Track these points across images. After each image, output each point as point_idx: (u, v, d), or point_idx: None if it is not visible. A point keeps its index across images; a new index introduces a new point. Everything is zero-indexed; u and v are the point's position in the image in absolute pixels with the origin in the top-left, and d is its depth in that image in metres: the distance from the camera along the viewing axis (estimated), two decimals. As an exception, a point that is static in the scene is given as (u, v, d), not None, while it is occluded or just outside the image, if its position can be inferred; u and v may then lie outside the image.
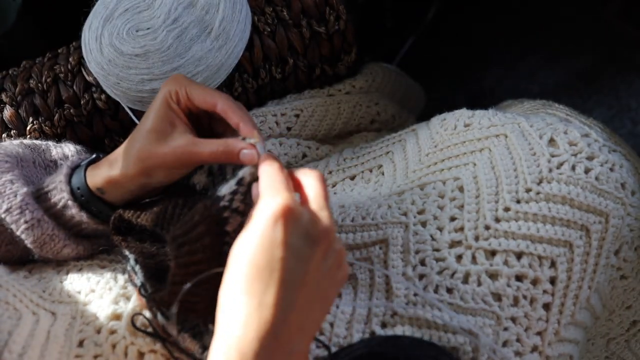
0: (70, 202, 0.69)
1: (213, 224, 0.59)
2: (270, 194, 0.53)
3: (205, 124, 0.68)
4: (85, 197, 0.69)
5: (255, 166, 0.60)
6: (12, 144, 0.76)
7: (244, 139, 0.62)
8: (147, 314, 0.65)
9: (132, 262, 0.68)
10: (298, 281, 0.51)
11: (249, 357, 0.49)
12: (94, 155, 0.72)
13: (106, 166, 0.68)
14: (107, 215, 0.70)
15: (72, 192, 0.69)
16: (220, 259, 0.59)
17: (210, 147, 0.63)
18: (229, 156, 0.62)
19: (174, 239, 0.59)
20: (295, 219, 0.51)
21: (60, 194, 0.69)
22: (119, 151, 0.67)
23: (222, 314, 0.51)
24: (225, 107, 0.63)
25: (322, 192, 0.55)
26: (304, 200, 0.55)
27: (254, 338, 0.49)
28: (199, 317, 0.63)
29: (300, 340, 0.51)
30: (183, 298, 0.58)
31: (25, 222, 0.69)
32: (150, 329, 0.65)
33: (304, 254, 0.51)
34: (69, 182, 0.70)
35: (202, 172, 0.66)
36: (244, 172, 0.60)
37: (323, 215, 0.53)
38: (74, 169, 0.71)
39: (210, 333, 0.63)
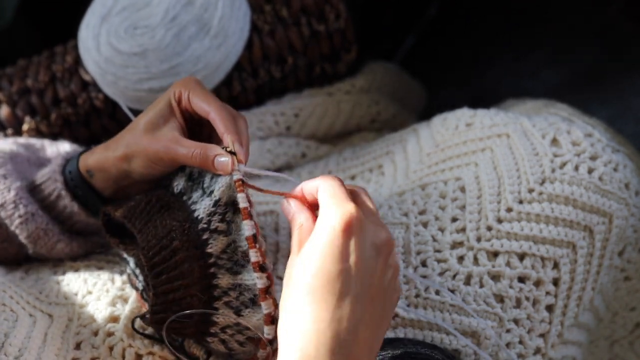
0: (63, 192, 0.69)
1: (192, 248, 0.58)
2: (336, 203, 0.51)
3: (206, 132, 0.68)
4: (75, 181, 0.68)
5: (230, 185, 0.59)
6: (5, 142, 0.76)
7: (229, 151, 0.60)
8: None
9: (132, 265, 0.67)
10: (367, 295, 0.49)
11: None
12: (91, 147, 0.72)
13: (100, 149, 0.68)
14: (96, 206, 0.69)
15: (66, 182, 0.69)
16: (202, 282, 0.59)
17: (187, 147, 0.61)
18: (204, 161, 0.61)
19: (152, 267, 0.58)
20: (364, 229, 0.50)
21: (54, 184, 0.69)
22: (116, 137, 0.67)
23: (288, 327, 0.49)
24: (216, 117, 0.62)
25: (375, 206, 0.55)
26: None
27: (325, 354, 0.47)
28: (190, 337, 0.63)
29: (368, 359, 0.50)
30: (170, 325, 0.58)
31: (20, 216, 0.68)
32: (149, 331, 0.65)
33: (372, 265, 0.50)
34: (63, 172, 0.70)
35: (183, 174, 0.65)
36: (220, 193, 0.59)
37: (383, 226, 0.52)
38: (68, 160, 0.71)
39: (207, 343, 0.62)
